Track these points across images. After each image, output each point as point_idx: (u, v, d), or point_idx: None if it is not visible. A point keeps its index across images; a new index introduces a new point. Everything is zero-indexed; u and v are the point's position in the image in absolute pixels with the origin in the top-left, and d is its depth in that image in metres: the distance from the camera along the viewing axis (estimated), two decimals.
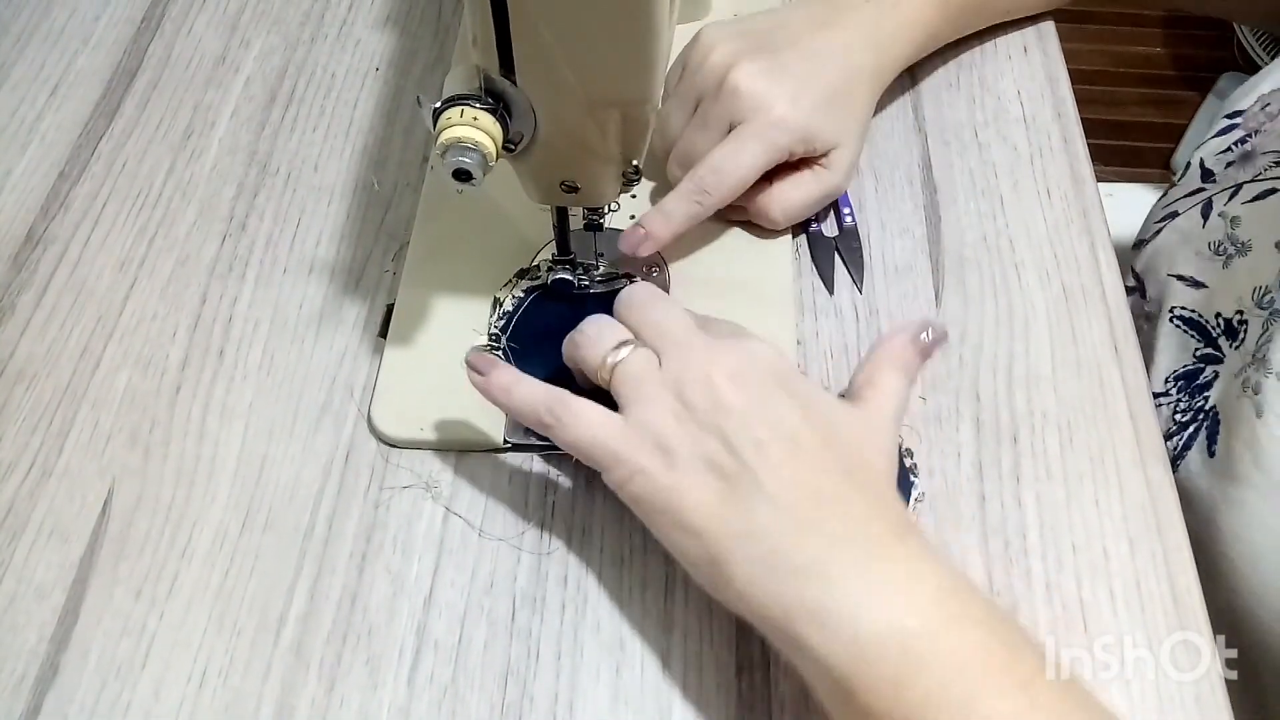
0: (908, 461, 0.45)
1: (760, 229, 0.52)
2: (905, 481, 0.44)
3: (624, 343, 0.40)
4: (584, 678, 0.40)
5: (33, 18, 0.63)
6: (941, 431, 0.46)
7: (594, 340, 0.40)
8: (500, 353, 0.46)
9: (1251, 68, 1.54)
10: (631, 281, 0.49)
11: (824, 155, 0.50)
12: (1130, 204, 0.75)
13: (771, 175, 0.50)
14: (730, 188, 0.48)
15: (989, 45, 0.60)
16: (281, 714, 0.39)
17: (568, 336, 0.42)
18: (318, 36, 0.62)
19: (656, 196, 0.53)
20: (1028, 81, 0.59)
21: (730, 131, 0.48)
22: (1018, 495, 0.44)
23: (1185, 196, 0.57)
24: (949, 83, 0.59)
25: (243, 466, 0.45)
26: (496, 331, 0.47)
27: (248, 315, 0.50)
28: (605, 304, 0.47)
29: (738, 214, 0.52)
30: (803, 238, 0.53)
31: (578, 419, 0.38)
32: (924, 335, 0.42)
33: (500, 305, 0.48)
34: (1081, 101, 0.58)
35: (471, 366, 0.41)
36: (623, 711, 0.39)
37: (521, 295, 0.48)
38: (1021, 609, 0.41)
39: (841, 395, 0.42)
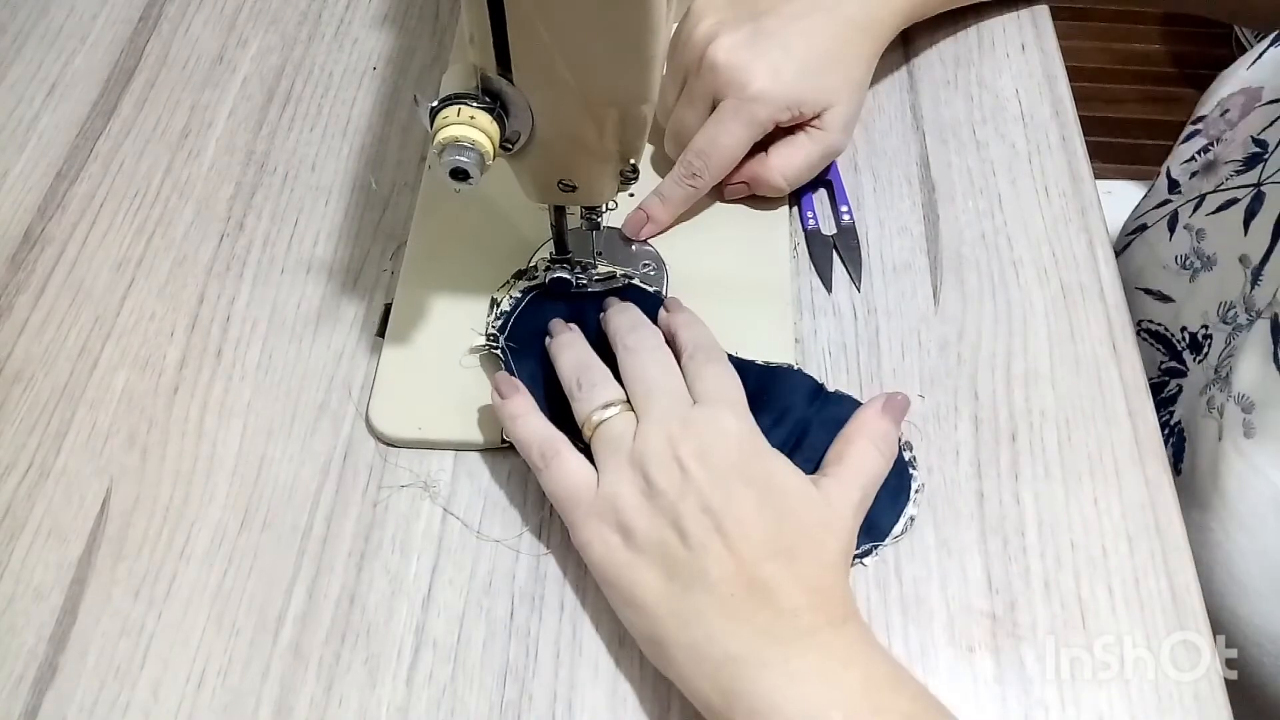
0: (907, 454, 0.45)
1: (759, 207, 0.52)
2: (904, 475, 0.44)
3: (610, 403, 0.41)
4: (583, 676, 0.40)
5: (30, 17, 0.63)
6: (940, 429, 0.46)
7: (587, 394, 0.42)
8: (500, 353, 0.46)
9: None
10: (630, 281, 0.49)
11: (817, 116, 0.50)
12: (1129, 202, 0.75)
13: (768, 143, 0.50)
14: (718, 166, 0.49)
15: (986, 42, 0.60)
16: (280, 714, 0.39)
17: (566, 361, 0.44)
18: (315, 36, 0.62)
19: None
20: (1026, 79, 0.59)
21: (713, 104, 0.49)
22: (1016, 493, 0.44)
23: (1154, 209, 0.56)
24: (947, 80, 0.59)
25: (241, 466, 0.45)
26: (494, 332, 0.47)
27: (245, 315, 0.50)
28: (601, 303, 0.48)
29: (740, 190, 0.52)
30: (801, 236, 0.53)
31: (560, 471, 0.41)
32: (891, 402, 0.43)
33: (498, 305, 0.48)
34: (1080, 99, 0.58)
35: (495, 387, 0.43)
36: (621, 710, 0.39)
37: (519, 295, 0.48)
38: (1020, 606, 0.41)
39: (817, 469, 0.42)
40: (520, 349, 0.47)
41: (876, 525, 0.43)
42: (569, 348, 0.44)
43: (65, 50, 0.62)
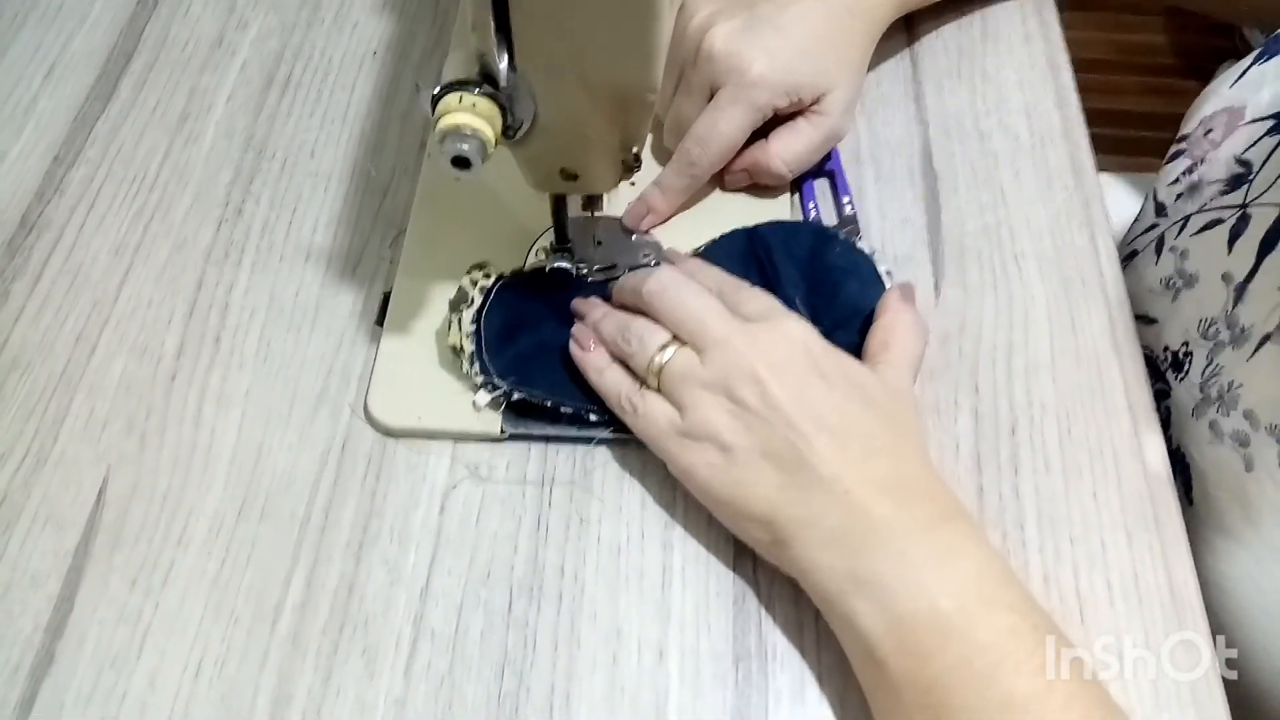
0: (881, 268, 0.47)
1: (761, 196, 0.52)
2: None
3: (665, 344, 0.42)
4: (581, 668, 0.40)
5: None
6: (940, 422, 0.46)
7: (638, 346, 0.43)
8: (482, 349, 0.45)
9: None
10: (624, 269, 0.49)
11: (816, 101, 0.50)
12: (1132, 194, 0.75)
13: (767, 130, 0.50)
14: (717, 154, 0.49)
15: (990, 33, 0.60)
16: (278, 704, 0.39)
17: (606, 329, 0.44)
18: (315, 20, 0.62)
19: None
20: (1029, 70, 0.58)
21: (711, 93, 0.49)
22: (1016, 486, 0.44)
23: (1142, 234, 0.56)
24: (950, 72, 0.58)
25: (239, 455, 0.45)
26: (472, 329, 0.46)
27: (244, 302, 0.50)
28: (592, 292, 0.47)
29: (741, 179, 0.52)
30: (798, 203, 0.52)
31: (647, 411, 0.42)
32: (906, 290, 0.45)
33: (470, 303, 0.47)
34: (1083, 90, 0.57)
35: (576, 339, 0.45)
36: (619, 701, 0.39)
37: (487, 286, 0.47)
38: None
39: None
40: (501, 343, 0.46)
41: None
42: (606, 318, 0.45)
43: (64, 31, 0.61)
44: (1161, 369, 0.51)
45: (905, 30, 0.59)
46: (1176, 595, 0.41)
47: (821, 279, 0.47)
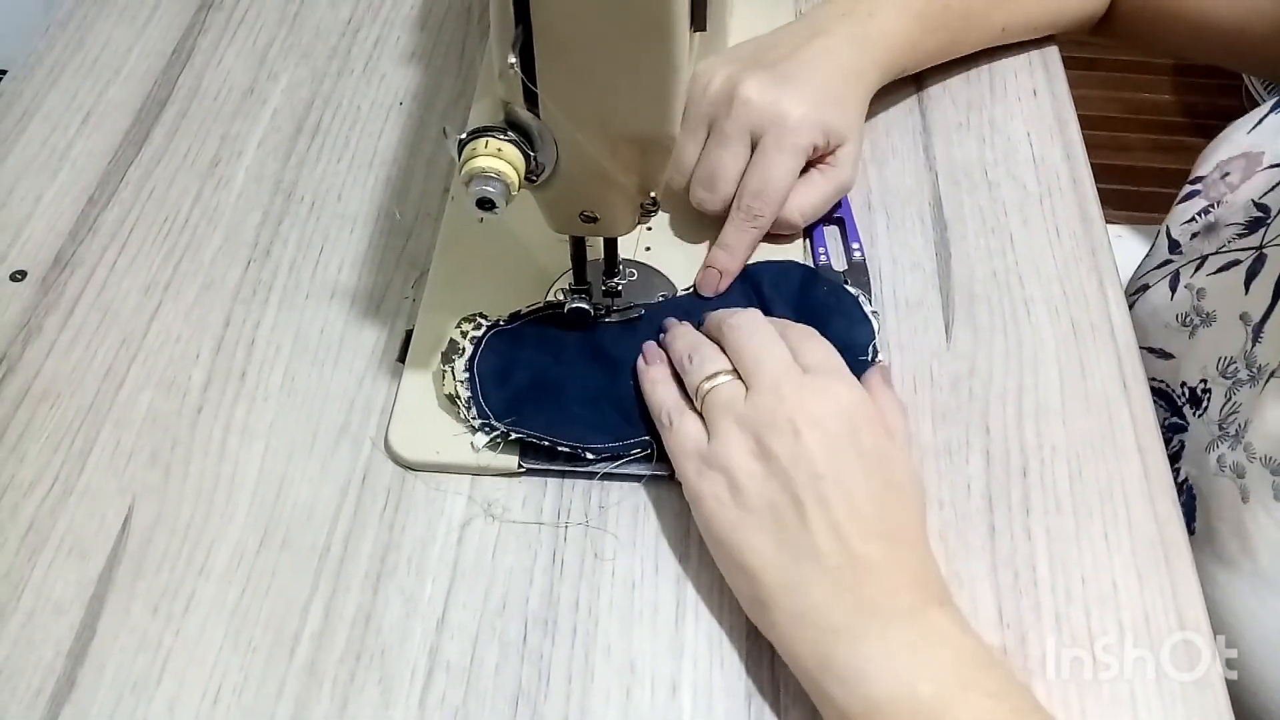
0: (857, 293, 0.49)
1: (774, 243, 0.53)
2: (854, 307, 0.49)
3: (720, 371, 0.43)
4: (594, 701, 0.40)
5: (67, 49, 0.65)
6: (951, 463, 0.46)
7: (696, 367, 0.44)
8: (477, 394, 0.46)
9: None
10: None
11: (830, 154, 0.52)
12: (1140, 245, 0.76)
13: None
14: (776, 203, 0.51)
15: (999, 87, 0.62)
16: None
17: (678, 346, 0.46)
18: (344, 70, 0.64)
19: (675, 224, 0.55)
20: (1037, 123, 0.60)
21: (751, 140, 0.50)
22: (1027, 527, 0.44)
23: (1155, 269, 0.57)
24: (959, 123, 0.60)
25: (261, 486, 0.46)
26: (465, 376, 0.47)
27: (270, 339, 0.51)
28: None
29: None
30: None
31: (679, 431, 0.43)
32: (884, 373, 0.46)
33: (461, 353, 0.48)
34: (1090, 146, 0.59)
35: (643, 353, 0.47)
36: None
37: (478, 336, 0.48)
38: (1030, 640, 0.41)
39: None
40: (497, 384, 0.47)
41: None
42: (681, 338, 0.46)
43: (100, 81, 0.64)
44: (1179, 404, 0.51)
45: (915, 83, 0.61)
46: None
47: (810, 316, 0.48)
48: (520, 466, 0.46)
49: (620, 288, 0.50)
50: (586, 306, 0.49)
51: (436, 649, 0.42)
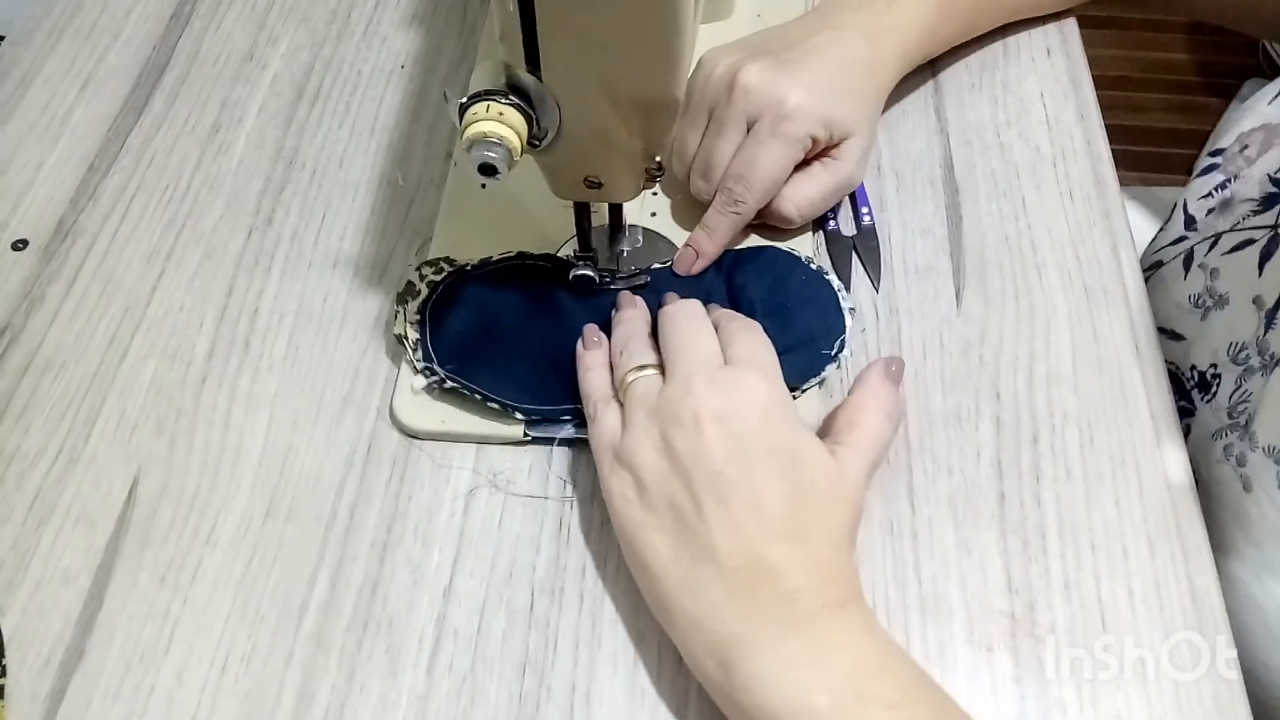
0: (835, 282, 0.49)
1: (778, 229, 0.52)
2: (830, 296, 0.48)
3: (647, 365, 0.42)
4: (601, 669, 0.40)
5: (65, 14, 0.64)
6: (961, 430, 0.46)
7: (625, 359, 0.43)
8: (426, 337, 0.46)
9: (1276, 74, 1.53)
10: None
11: (835, 146, 0.50)
12: (1154, 208, 0.75)
13: None
14: (760, 190, 0.49)
15: (1012, 47, 0.60)
16: (302, 700, 0.40)
17: (618, 334, 0.45)
18: (344, 34, 0.63)
19: (678, 210, 0.53)
20: (1051, 84, 0.59)
21: (749, 128, 0.49)
22: (1037, 494, 0.44)
23: (1169, 245, 0.55)
24: (971, 84, 0.59)
25: (267, 456, 0.46)
26: (416, 318, 0.47)
27: (273, 308, 0.51)
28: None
29: (754, 218, 0.52)
30: (821, 236, 0.53)
31: (600, 423, 0.42)
32: (891, 367, 0.44)
33: (416, 295, 0.48)
34: (1104, 107, 0.58)
35: (584, 335, 0.45)
36: (639, 703, 0.40)
37: (436, 280, 0.48)
38: (1039, 607, 0.41)
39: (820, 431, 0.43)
40: (448, 330, 0.47)
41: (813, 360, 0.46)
42: (623, 323, 0.45)
43: (99, 46, 0.63)
44: (1187, 388, 0.50)
45: None
46: (1199, 602, 0.41)
47: (780, 306, 0.47)
48: (525, 435, 0.45)
49: (625, 253, 0.49)
50: (592, 274, 0.48)
51: (444, 617, 0.42)
